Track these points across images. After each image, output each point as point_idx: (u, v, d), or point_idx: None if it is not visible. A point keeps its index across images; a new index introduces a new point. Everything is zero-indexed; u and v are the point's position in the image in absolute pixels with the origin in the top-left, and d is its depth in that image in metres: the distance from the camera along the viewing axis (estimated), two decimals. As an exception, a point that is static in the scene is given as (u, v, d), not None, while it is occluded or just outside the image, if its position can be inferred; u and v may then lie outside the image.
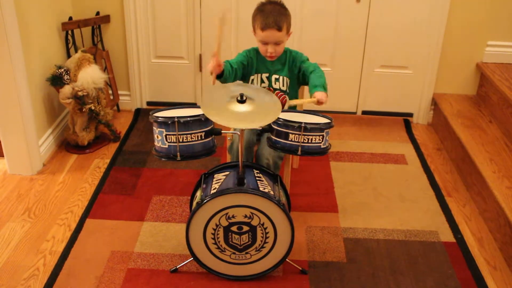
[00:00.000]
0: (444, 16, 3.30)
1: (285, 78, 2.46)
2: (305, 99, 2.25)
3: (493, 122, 3.20)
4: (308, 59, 2.47)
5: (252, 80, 2.46)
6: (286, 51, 2.46)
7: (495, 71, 3.35)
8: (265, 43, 2.34)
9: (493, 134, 3.06)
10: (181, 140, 2.03)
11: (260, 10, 2.35)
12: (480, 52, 3.45)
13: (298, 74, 2.46)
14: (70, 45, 3.27)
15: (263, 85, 2.45)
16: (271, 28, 2.29)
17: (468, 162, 2.87)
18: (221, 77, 2.24)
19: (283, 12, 2.33)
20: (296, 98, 2.56)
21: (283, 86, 2.46)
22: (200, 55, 3.53)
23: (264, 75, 2.45)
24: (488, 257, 2.38)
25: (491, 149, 2.88)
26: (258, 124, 1.94)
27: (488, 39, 3.42)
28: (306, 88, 2.57)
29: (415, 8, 3.31)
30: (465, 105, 3.43)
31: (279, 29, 2.29)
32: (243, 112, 1.93)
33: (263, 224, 2.06)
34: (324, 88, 2.26)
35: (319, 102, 2.21)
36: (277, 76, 2.45)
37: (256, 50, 2.46)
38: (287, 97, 2.48)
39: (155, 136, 2.07)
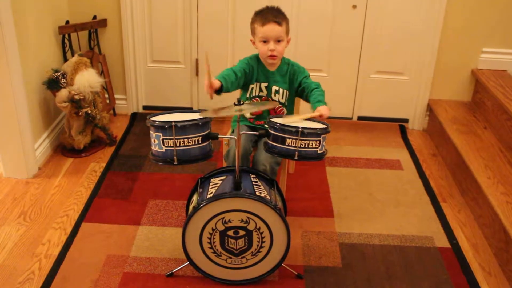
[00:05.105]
0: (440, 22, 3.32)
1: (284, 90, 2.46)
2: (306, 114, 2.25)
3: (488, 128, 3.22)
4: (309, 75, 2.49)
5: (252, 89, 2.45)
6: (288, 63, 2.48)
7: (490, 77, 3.37)
8: (266, 42, 2.35)
9: (488, 140, 3.07)
10: (178, 145, 2.03)
11: (258, 13, 2.40)
12: (475, 59, 3.47)
13: (298, 88, 2.47)
14: (66, 48, 3.27)
15: (261, 93, 2.46)
16: (271, 22, 2.32)
17: (463, 168, 2.88)
18: (220, 91, 2.25)
19: (281, 13, 2.38)
20: (293, 111, 2.58)
21: (282, 98, 2.47)
22: (197, 60, 3.53)
23: (263, 85, 2.45)
24: (483, 263, 2.39)
25: (486, 155, 2.89)
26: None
27: (483, 46, 3.44)
28: (302, 102, 2.58)
29: (411, 14, 3.33)
30: (460, 111, 3.45)
31: (279, 23, 2.33)
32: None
33: (259, 229, 2.06)
34: (326, 104, 2.30)
35: (321, 117, 2.23)
36: (277, 88, 2.45)
37: (257, 58, 2.46)
38: (285, 110, 2.49)
39: (152, 140, 2.06)
